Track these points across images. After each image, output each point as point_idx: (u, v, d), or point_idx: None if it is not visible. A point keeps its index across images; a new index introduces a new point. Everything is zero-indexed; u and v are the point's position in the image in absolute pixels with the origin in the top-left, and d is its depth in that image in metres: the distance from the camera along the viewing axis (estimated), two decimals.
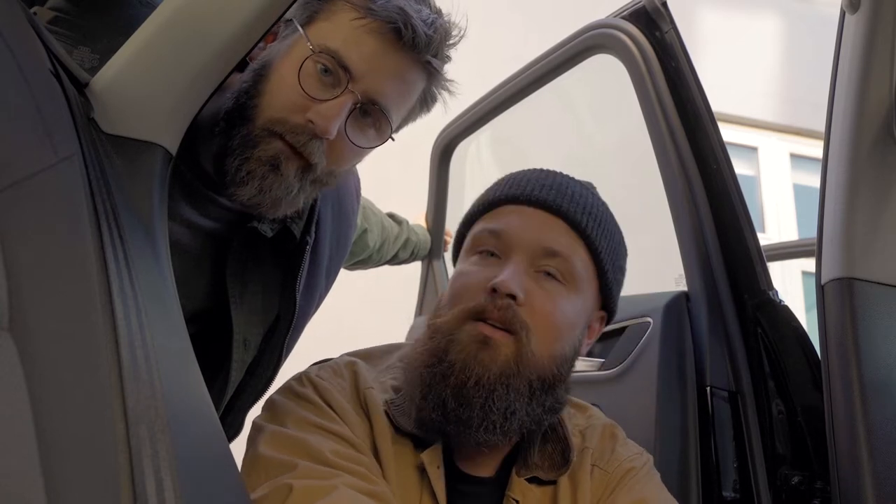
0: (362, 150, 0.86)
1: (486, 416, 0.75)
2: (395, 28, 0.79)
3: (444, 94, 0.90)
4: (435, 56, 0.83)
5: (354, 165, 0.92)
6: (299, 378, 0.83)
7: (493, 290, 0.77)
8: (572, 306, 0.82)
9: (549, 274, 0.81)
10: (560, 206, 0.83)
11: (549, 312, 0.79)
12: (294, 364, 0.92)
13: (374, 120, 0.83)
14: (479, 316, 0.77)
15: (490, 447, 0.79)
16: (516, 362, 0.76)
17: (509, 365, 0.76)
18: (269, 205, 0.82)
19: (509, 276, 0.78)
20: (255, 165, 0.79)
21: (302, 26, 0.80)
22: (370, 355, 0.90)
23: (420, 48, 0.81)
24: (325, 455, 0.71)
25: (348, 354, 0.90)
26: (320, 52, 0.78)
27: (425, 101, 0.89)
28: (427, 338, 0.80)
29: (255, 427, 0.79)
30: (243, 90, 0.81)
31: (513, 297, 0.77)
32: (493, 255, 0.83)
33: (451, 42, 0.86)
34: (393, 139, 0.87)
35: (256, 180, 0.79)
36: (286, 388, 0.83)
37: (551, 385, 0.80)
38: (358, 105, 0.80)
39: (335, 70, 0.79)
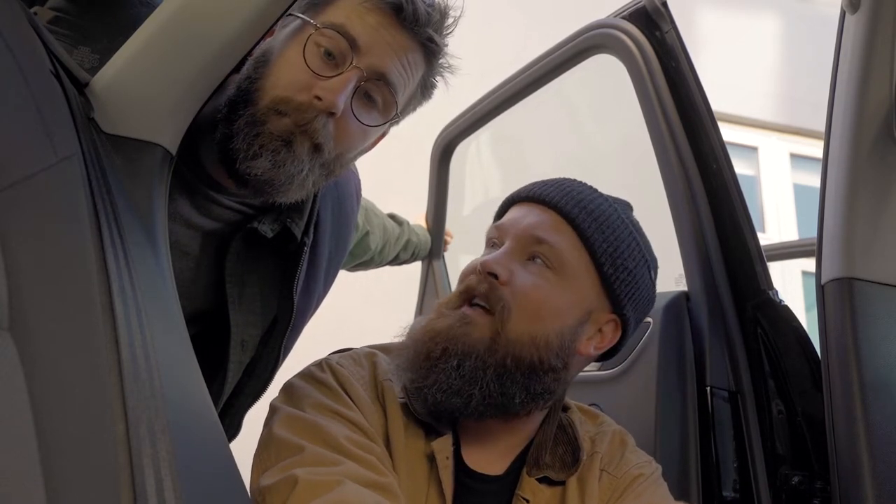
0: (368, 131, 0.86)
1: (448, 381, 0.78)
2: (396, 4, 0.80)
3: (447, 78, 0.92)
4: (435, 32, 0.85)
5: (360, 152, 0.93)
6: (319, 364, 0.85)
7: (480, 272, 0.82)
8: (559, 292, 0.83)
9: (538, 260, 0.84)
10: (552, 198, 0.87)
11: (528, 293, 0.81)
12: (294, 365, 0.92)
13: (380, 97, 0.84)
14: (468, 294, 0.82)
15: (451, 411, 0.81)
16: (492, 338, 0.80)
17: (483, 341, 0.79)
18: (282, 181, 0.81)
19: (493, 258, 0.83)
20: (267, 140, 0.79)
21: (303, 13, 0.81)
22: (389, 349, 0.92)
23: (420, 23, 0.82)
24: (337, 440, 0.73)
25: (368, 346, 0.92)
26: (325, 27, 0.79)
27: (425, 88, 0.90)
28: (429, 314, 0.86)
29: (272, 409, 0.80)
30: (244, 76, 0.81)
31: (495, 276, 0.81)
32: (495, 245, 0.88)
33: (448, 24, 0.87)
34: (399, 116, 0.88)
35: (269, 153, 0.79)
36: (306, 373, 0.84)
37: (530, 367, 0.80)
38: (363, 81, 0.81)
39: (339, 45, 0.79)
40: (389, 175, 2.93)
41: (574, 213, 0.85)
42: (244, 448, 0.80)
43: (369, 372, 0.85)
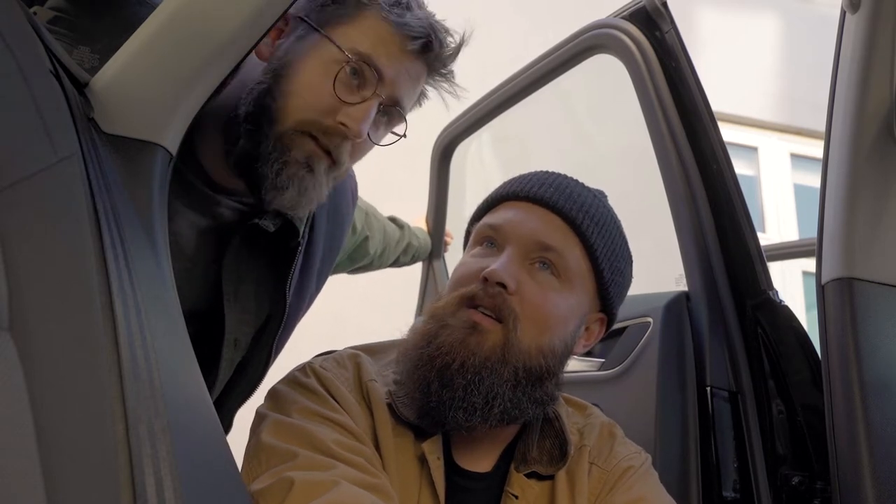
0: (374, 146, 0.90)
1: (468, 397, 0.77)
2: (425, 42, 0.83)
3: (445, 95, 0.93)
4: (447, 66, 0.89)
5: None
6: (303, 368, 0.84)
7: (486, 279, 0.79)
8: (564, 301, 0.83)
9: (543, 266, 0.82)
10: (556, 202, 0.85)
11: (539, 303, 0.80)
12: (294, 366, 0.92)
13: (390, 118, 0.88)
14: (471, 302, 0.79)
15: (471, 431, 0.80)
16: (503, 350, 0.78)
17: (495, 352, 0.78)
18: (305, 204, 0.85)
19: (501, 265, 0.80)
20: (294, 169, 0.82)
21: (323, 28, 0.82)
22: (373, 349, 0.91)
23: (441, 61, 0.87)
24: (327, 445, 0.72)
25: (351, 348, 0.91)
26: (354, 56, 0.81)
27: (418, 98, 0.93)
28: (423, 322, 0.83)
29: (259, 416, 0.80)
30: (264, 91, 0.82)
31: (504, 286, 0.78)
32: (492, 245, 0.85)
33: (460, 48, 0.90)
34: (406, 136, 0.91)
35: (296, 182, 0.83)
36: (290, 378, 0.83)
37: (538, 377, 0.80)
38: (382, 107, 0.84)
39: (364, 72, 0.82)
40: (390, 175, 2.93)
41: (579, 220, 0.84)
42: (234, 447, 0.79)
43: (353, 374, 0.84)
